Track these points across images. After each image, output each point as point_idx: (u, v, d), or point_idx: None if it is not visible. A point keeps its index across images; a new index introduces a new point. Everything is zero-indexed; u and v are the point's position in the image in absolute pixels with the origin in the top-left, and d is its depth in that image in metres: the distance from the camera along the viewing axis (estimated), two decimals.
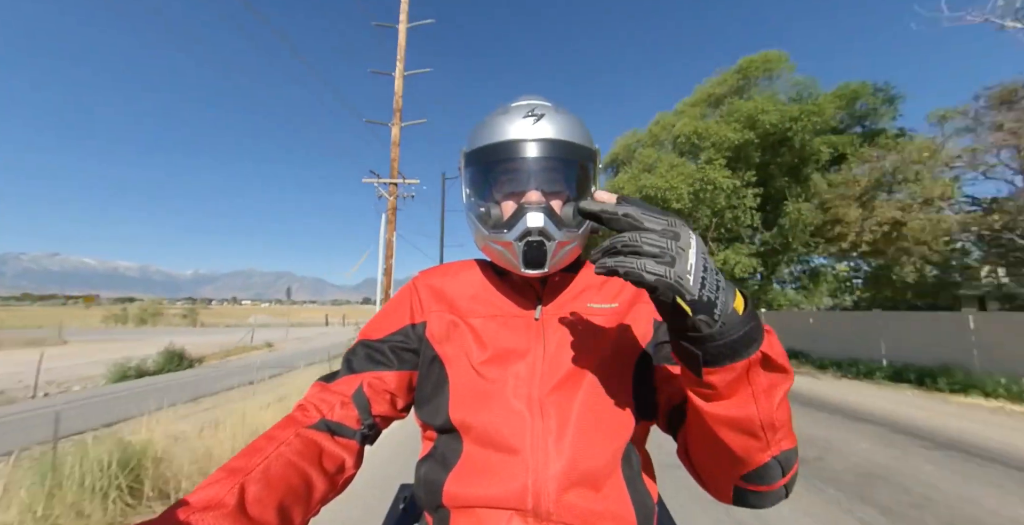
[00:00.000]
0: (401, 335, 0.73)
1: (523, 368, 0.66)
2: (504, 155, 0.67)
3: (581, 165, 0.70)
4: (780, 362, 0.47)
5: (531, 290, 0.75)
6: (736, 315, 0.45)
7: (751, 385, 0.47)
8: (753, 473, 0.52)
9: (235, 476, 0.49)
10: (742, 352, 0.45)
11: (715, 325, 0.44)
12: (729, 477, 0.55)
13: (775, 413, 0.48)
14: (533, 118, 0.67)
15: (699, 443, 0.57)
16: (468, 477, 0.60)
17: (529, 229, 0.63)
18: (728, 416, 0.48)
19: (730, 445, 0.50)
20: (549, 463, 0.58)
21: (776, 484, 0.53)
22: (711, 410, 0.49)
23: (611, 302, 0.72)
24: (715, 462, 0.56)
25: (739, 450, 0.50)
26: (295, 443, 0.57)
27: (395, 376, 0.71)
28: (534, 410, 0.62)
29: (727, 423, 0.49)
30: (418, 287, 0.78)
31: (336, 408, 0.65)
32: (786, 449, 0.51)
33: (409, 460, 1.39)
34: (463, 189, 0.75)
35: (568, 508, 0.57)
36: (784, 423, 0.49)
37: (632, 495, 0.61)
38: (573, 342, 0.68)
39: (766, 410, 0.47)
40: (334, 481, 0.60)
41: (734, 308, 0.45)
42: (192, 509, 0.44)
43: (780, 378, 0.48)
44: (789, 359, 0.50)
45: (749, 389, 0.47)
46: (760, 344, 0.46)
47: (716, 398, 0.48)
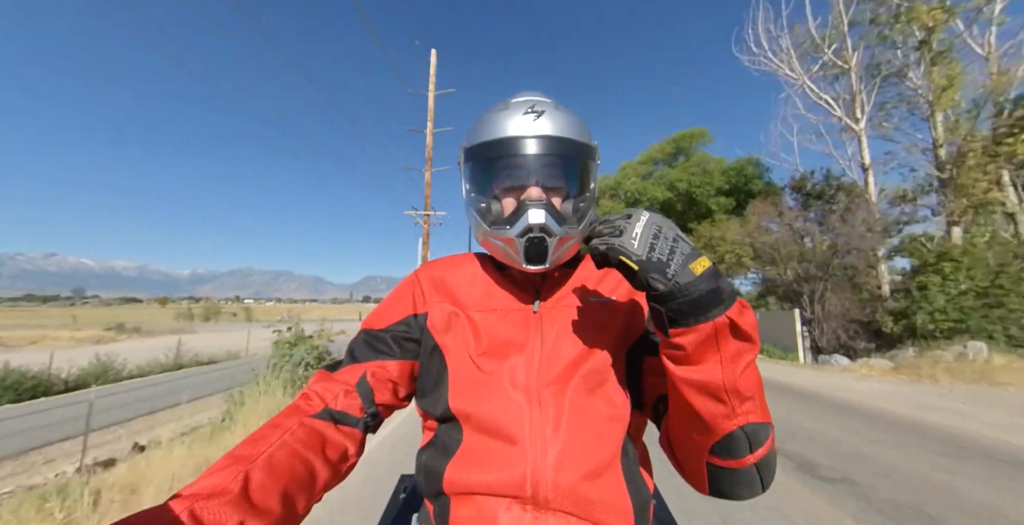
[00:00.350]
0: (403, 325, 0.74)
1: (521, 360, 0.67)
2: (505, 151, 0.68)
3: (581, 161, 0.71)
4: (747, 331, 0.50)
5: (530, 284, 0.76)
6: (691, 275, 0.50)
7: (719, 351, 0.50)
8: (719, 444, 0.53)
9: (239, 464, 0.50)
10: (705, 313, 0.49)
11: (668, 283, 0.50)
12: (699, 451, 0.56)
13: (739, 380, 0.50)
14: (533, 115, 0.68)
15: (674, 415, 0.60)
16: (468, 465, 0.61)
17: (531, 225, 0.64)
18: (695, 379, 0.51)
19: (698, 410, 0.52)
20: (547, 452, 0.59)
21: (744, 459, 0.54)
22: (680, 374, 0.52)
23: (609, 295, 0.73)
24: (685, 433, 0.58)
25: (706, 415, 0.52)
26: (299, 432, 0.58)
27: (397, 365, 0.72)
28: (532, 401, 0.63)
29: (695, 385, 0.52)
30: (420, 278, 0.79)
31: (339, 397, 0.66)
32: (753, 422, 0.52)
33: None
34: (462, 184, 0.75)
35: (566, 496, 0.57)
36: (751, 392, 0.51)
37: (629, 485, 0.61)
38: (571, 334, 0.69)
39: (730, 375, 0.50)
40: (337, 469, 0.61)
41: (690, 269, 0.50)
42: (197, 496, 0.44)
43: (746, 347, 0.51)
44: None
45: (717, 355, 0.50)
46: (726, 309, 0.49)
47: (685, 361, 0.52)
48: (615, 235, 0.54)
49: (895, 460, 3.67)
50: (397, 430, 4.86)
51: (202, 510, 0.43)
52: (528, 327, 0.70)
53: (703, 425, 0.54)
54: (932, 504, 2.82)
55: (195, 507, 0.43)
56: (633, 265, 0.52)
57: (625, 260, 0.52)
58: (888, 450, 3.95)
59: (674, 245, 0.52)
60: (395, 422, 5.12)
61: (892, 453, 3.86)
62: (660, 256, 0.51)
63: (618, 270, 0.55)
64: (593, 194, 0.73)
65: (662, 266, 0.51)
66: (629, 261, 0.52)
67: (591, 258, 0.58)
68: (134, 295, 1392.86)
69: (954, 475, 3.33)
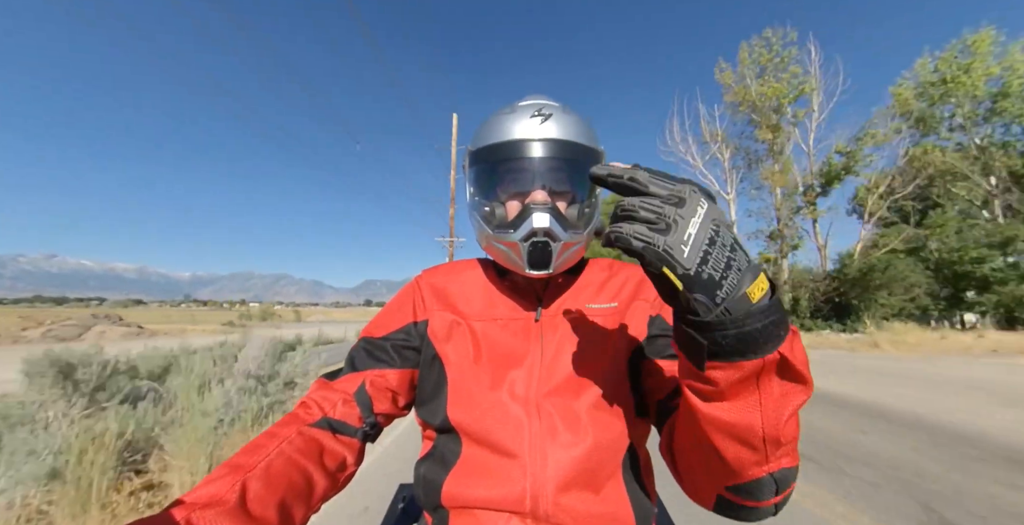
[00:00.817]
0: (403, 333, 0.73)
1: (521, 371, 0.65)
2: (510, 154, 0.66)
3: (587, 166, 0.65)
4: (800, 370, 0.40)
5: (532, 291, 0.75)
6: (748, 302, 0.38)
7: (759, 390, 0.41)
8: (742, 486, 0.47)
9: (237, 473, 0.49)
10: (756, 349, 0.38)
11: (715, 309, 0.38)
12: (714, 486, 0.50)
13: (783, 427, 0.41)
14: (540, 118, 0.66)
15: (687, 445, 0.53)
16: (467, 478, 0.60)
17: (535, 229, 0.63)
18: (726, 421, 0.42)
19: (723, 453, 0.45)
20: (547, 465, 0.58)
21: (766, 502, 0.47)
22: (708, 411, 0.43)
23: (611, 302, 0.72)
24: (702, 468, 0.51)
25: (732, 460, 0.44)
26: (297, 441, 0.57)
27: (397, 374, 0.71)
28: (532, 413, 0.61)
29: (724, 428, 0.43)
30: (421, 285, 0.78)
31: (338, 406, 0.65)
32: (785, 467, 0.45)
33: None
34: (467, 188, 0.74)
35: (566, 510, 0.56)
36: (790, 439, 0.43)
37: (631, 497, 0.60)
38: (572, 344, 0.67)
39: (772, 422, 0.41)
40: (335, 478, 0.60)
41: (746, 294, 0.38)
42: (193, 506, 0.44)
43: (797, 389, 0.41)
44: None
45: (756, 394, 0.41)
46: (780, 344, 0.39)
47: (716, 398, 0.42)
48: (661, 229, 0.38)
49: None
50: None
51: (198, 519, 0.42)
52: (529, 337, 0.69)
53: (725, 467, 0.46)
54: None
55: (192, 516, 0.42)
56: (677, 281, 0.38)
57: (668, 273, 0.38)
58: None
59: (731, 257, 0.38)
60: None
61: None
62: (713, 272, 0.38)
63: (650, 279, 0.42)
64: (599, 200, 0.72)
65: (712, 286, 0.38)
66: (673, 274, 0.38)
67: (606, 239, 0.41)
68: (137, 297, 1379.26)
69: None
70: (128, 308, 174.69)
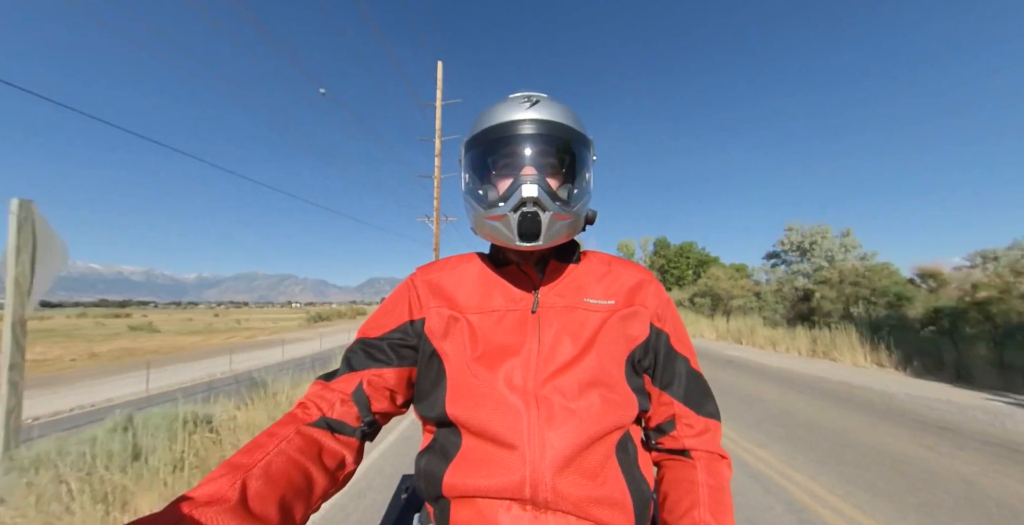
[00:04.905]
0: (400, 332, 0.74)
1: (518, 362, 0.66)
2: (500, 134, 0.69)
3: (574, 146, 0.72)
4: None
5: (528, 283, 0.75)
6: None
7: None
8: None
9: (237, 472, 0.50)
10: None
11: None
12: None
13: None
14: (528, 103, 0.70)
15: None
16: (467, 469, 0.61)
17: (524, 199, 0.64)
18: None
19: None
20: (546, 453, 0.59)
21: None
22: None
23: (608, 299, 0.74)
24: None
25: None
26: (296, 440, 0.58)
27: (394, 373, 0.72)
28: (529, 403, 0.62)
29: None
30: (416, 283, 0.78)
31: (336, 406, 0.66)
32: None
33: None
34: (462, 175, 0.76)
35: (565, 496, 0.57)
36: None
37: (629, 483, 0.62)
38: (569, 335, 0.69)
39: None
40: (334, 477, 0.61)
41: None
42: (195, 504, 0.44)
43: None
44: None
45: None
46: None
47: None
48: None
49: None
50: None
51: (200, 517, 0.43)
52: (526, 328, 0.70)
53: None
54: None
55: (194, 514, 0.43)
56: None
57: None
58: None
59: None
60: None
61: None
62: None
63: None
64: (589, 184, 0.74)
65: None
66: None
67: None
68: (144, 299, 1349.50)
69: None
70: (171, 313, 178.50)
